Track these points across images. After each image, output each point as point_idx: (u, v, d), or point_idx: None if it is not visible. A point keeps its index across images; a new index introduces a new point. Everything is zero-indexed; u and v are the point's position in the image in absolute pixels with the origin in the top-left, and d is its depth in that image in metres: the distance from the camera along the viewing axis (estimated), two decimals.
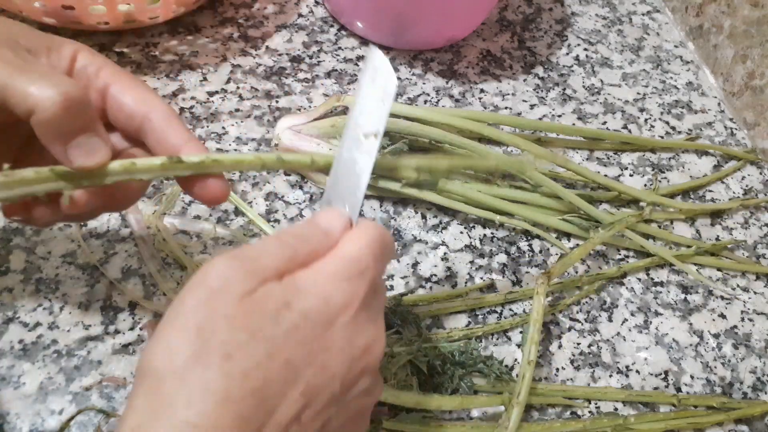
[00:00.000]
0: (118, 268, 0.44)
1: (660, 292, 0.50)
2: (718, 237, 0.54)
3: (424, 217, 0.51)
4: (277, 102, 0.56)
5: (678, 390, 0.45)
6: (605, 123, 0.61)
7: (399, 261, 0.48)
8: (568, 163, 0.51)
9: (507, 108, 0.60)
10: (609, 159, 0.58)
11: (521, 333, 0.46)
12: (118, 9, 0.51)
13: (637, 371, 0.46)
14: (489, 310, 0.47)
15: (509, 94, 0.62)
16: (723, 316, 0.49)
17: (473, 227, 0.51)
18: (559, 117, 0.61)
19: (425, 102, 0.59)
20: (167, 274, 0.44)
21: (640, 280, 0.51)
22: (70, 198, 0.29)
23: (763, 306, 0.51)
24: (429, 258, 0.49)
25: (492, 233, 0.51)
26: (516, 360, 0.44)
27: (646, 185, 0.57)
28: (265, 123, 0.54)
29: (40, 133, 0.28)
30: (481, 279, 0.48)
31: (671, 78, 0.67)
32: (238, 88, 0.56)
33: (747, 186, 0.59)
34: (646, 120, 0.62)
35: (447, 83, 0.61)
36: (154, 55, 0.57)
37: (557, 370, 0.45)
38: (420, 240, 0.50)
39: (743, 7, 0.63)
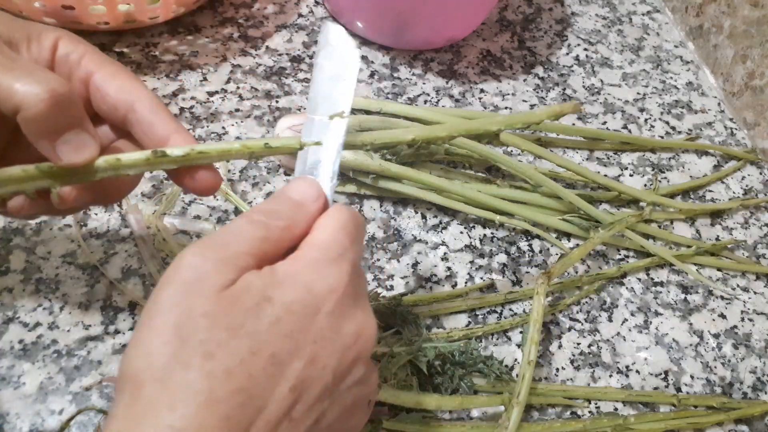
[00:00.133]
0: (118, 268, 0.44)
1: (660, 292, 0.50)
2: (718, 237, 0.54)
3: (424, 217, 0.51)
4: (277, 102, 0.56)
5: (678, 390, 0.45)
6: (605, 123, 0.61)
7: (399, 261, 0.48)
8: (567, 162, 0.52)
9: (507, 108, 0.60)
10: (609, 159, 0.58)
11: (521, 333, 0.46)
12: (118, 9, 0.51)
13: (637, 371, 0.46)
14: (489, 310, 0.47)
15: (509, 94, 0.62)
16: (723, 316, 0.49)
17: (473, 227, 0.51)
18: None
19: (425, 102, 0.59)
20: None
21: (640, 280, 0.51)
22: (58, 194, 0.29)
23: (763, 306, 0.51)
24: (429, 258, 0.49)
25: (492, 233, 0.51)
26: (516, 360, 0.44)
27: (646, 185, 0.57)
28: (265, 123, 0.54)
29: (27, 131, 0.27)
30: (481, 279, 0.48)
31: (671, 78, 0.67)
32: (238, 88, 0.56)
33: (747, 186, 0.59)
34: (646, 120, 0.62)
35: (447, 83, 0.61)
36: (154, 55, 0.57)
37: (557, 370, 0.45)
38: (420, 240, 0.50)
39: (743, 7, 0.63)
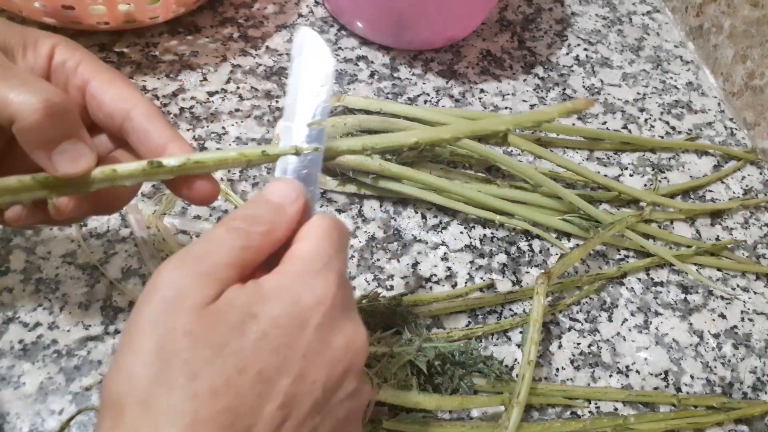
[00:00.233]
0: (118, 268, 0.44)
1: (660, 292, 0.50)
2: (718, 237, 0.54)
3: (424, 217, 0.51)
4: (277, 102, 0.56)
5: (678, 390, 0.45)
6: (605, 123, 0.61)
7: (399, 261, 0.48)
8: (567, 162, 0.52)
9: (507, 108, 0.60)
10: (609, 159, 0.58)
11: (521, 333, 0.46)
12: (118, 9, 0.51)
13: (637, 371, 0.46)
14: (489, 310, 0.47)
15: (509, 94, 0.62)
16: (723, 316, 0.49)
17: (473, 227, 0.51)
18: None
19: (425, 102, 0.59)
20: None
21: (640, 280, 0.51)
22: (55, 205, 0.28)
23: (763, 306, 0.51)
24: (429, 258, 0.49)
25: (492, 233, 0.51)
26: (516, 360, 0.44)
27: (646, 185, 0.57)
28: (265, 123, 0.54)
29: (22, 141, 0.27)
30: (481, 279, 0.48)
31: (671, 78, 0.67)
32: (238, 88, 0.56)
33: (747, 186, 0.59)
34: (646, 120, 0.62)
35: (447, 83, 0.61)
36: (154, 55, 0.57)
37: (557, 370, 0.45)
38: (420, 240, 0.50)
39: (743, 7, 0.63)
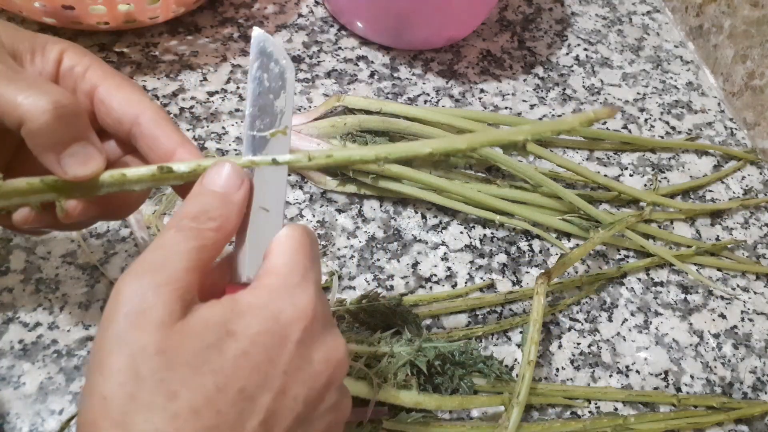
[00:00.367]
0: (118, 268, 0.44)
1: (660, 292, 0.50)
2: (718, 237, 0.54)
3: (424, 217, 0.51)
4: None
5: (678, 390, 0.45)
6: (605, 123, 0.61)
7: (399, 261, 0.48)
8: (567, 162, 0.52)
9: (507, 108, 0.60)
10: (609, 159, 0.58)
11: (521, 333, 0.45)
12: (118, 9, 0.51)
13: (637, 371, 0.46)
14: (489, 310, 0.47)
15: (509, 94, 0.62)
16: (723, 316, 0.49)
17: (473, 227, 0.51)
18: (559, 117, 0.61)
19: (425, 102, 0.59)
20: None
21: (640, 280, 0.51)
22: (63, 208, 0.28)
23: (763, 306, 0.51)
24: (429, 258, 0.49)
25: (492, 233, 0.51)
26: (516, 360, 0.44)
27: (646, 185, 0.57)
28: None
29: (31, 144, 0.27)
30: (481, 279, 0.48)
31: (671, 78, 0.67)
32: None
33: (747, 186, 0.59)
34: (646, 120, 0.62)
35: (447, 83, 0.61)
36: (154, 55, 0.57)
37: (557, 370, 0.45)
38: (420, 240, 0.50)
39: (743, 7, 0.63)
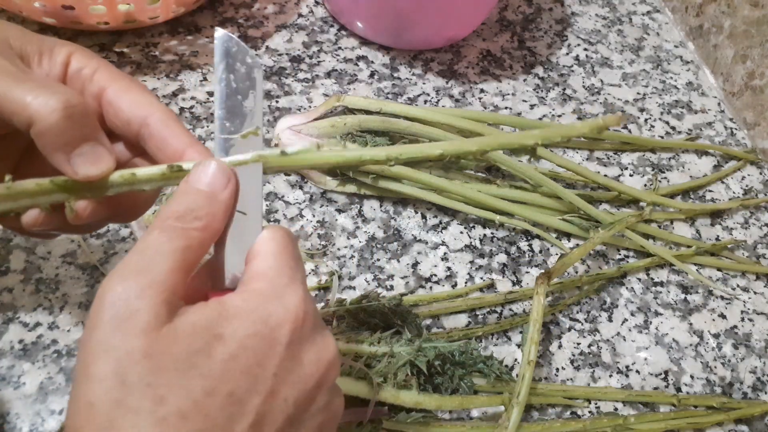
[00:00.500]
0: None
1: (660, 292, 0.50)
2: (718, 237, 0.54)
3: (424, 217, 0.51)
4: (277, 102, 0.56)
5: (678, 390, 0.45)
6: None
7: (399, 261, 0.48)
8: (567, 162, 0.52)
9: (507, 108, 0.60)
10: (609, 159, 0.58)
11: (521, 333, 0.45)
12: (118, 9, 0.51)
13: (637, 371, 0.46)
14: (489, 310, 0.47)
15: (509, 94, 0.62)
16: (723, 316, 0.49)
17: (473, 227, 0.51)
18: (559, 117, 0.61)
19: (425, 102, 0.59)
20: None
21: (640, 280, 0.51)
22: (72, 208, 0.28)
23: (763, 306, 0.51)
24: (429, 258, 0.49)
25: (492, 233, 0.51)
26: (516, 360, 0.44)
27: (646, 185, 0.57)
28: (265, 123, 0.54)
29: (41, 144, 0.27)
30: (481, 279, 0.48)
31: (671, 78, 0.67)
32: None
33: (747, 186, 0.59)
34: (646, 120, 0.62)
35: (447, 83, 0.61)
36: (154, 55, 0.57)
37: (557, 370, 0.45)
38: (420, 240, 0.50)
39: (743, 7, 0.63)
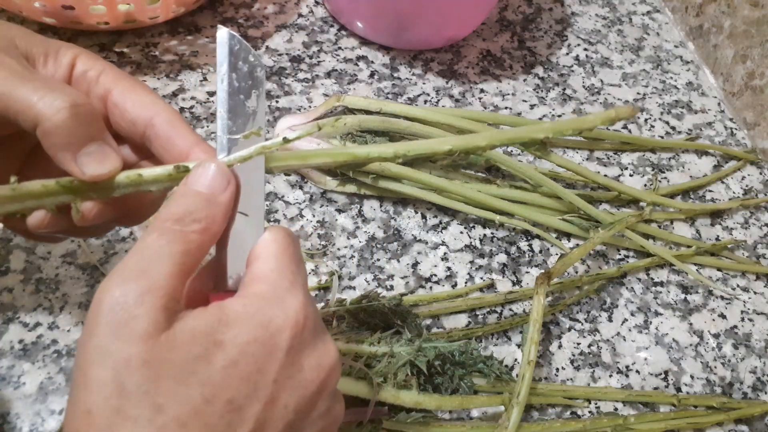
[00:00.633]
0: None
1: (660, 292, 0.50)
2: (718, 237, 0.54)
3: (424, 217, 0.51)
4: (277, 102, 0.56)
5: (678, 390, 0.45)
6: None
7: (399, 261, 0.48)
8: (567, 162, 0.52)
9: (507, 108, 0.60)
10: (609, 159, 0.58)
11: (521, 333, 0.45)
12: (118, 9, 0.51)
13: (637, 371, 0.46)
14: (489, 310, 0.47)
15: (509, 94, 0.62)
16: (723, 316, 0.49)
17: (473, 227, 0.51)
18: (559, 117, 0.61)
19: (425, 102, 0.59)
20: None
21: (640, 280, 0.51)
22: (79, 210, 0.28)
23: (763, 306, 0.51)
24: (429, 258, 0.49)
25: (492, 233, 0.51)
26: (516, 360, 0.44)
27: (646, 185, 0.57)
28: (266, 123, 0.54)
29: (47, 144, 0.27)
30: (481, 279, 0.48)
31: (671, 78, 0.67)
32: None
33: (747, 186, 0.59)
34: (646, 120, 0.62)
35: (447, 83, 0.61)
36: (154, 55, 0.57)
37: (557, 370, 0.45)
38: (420, 240, 0.50)
39: (743, 7, 0.63)
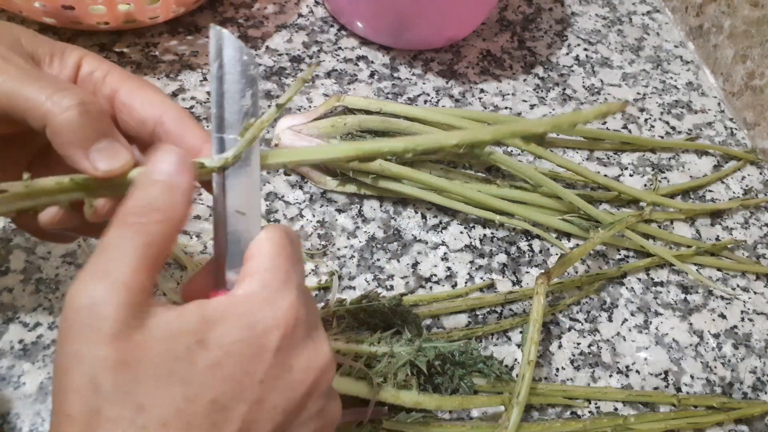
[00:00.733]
0: None
1: (660, 292, 0.50)
2: (718, 237, 0.54)
3: (424, 217, 0.51)
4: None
5: (678, 390, 0.45)
6: (605, 123, 0.61)
7: (399, 261, 0.48)
8: (567, 162, 0.52)
9: (507, 108, 0.60)
10: (609, 159, 0.58)
11: (521, 333, 0.46)
12: (118, 9, 0.51)
13: (637, 371, 0.46)
14: (489, 310, 0.47)
15: (509, 94, 0.62)
16: (723, 316, 0.49)
17: (473, 227, 0.51)
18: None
19: (425, 102, 0.59)
20: (167, 274, 0.44)
21: (640, 280, 0.51)
22: (92, 206, 0.28)
23: (763, 306, 0.51)
24: (429, 258, 0.49)
25: (492, 233, 0.51)
26: (516, 360, 0.44)
27: (646, 185, 0.57)
28: None
29: (58, 142, 0.26)
30: (481, 279, 0.48)
31: (671, 78, 0.67)
32: None
33: (747, 186, 0.59)
34: (646, 120, 0.62)
35: (447, 83, 0.61)
36: (154, 55, 0.57)
37: (557, 370, 0.45)
38: (420, 240, 0.50)
39: (743, 7, 0.63)
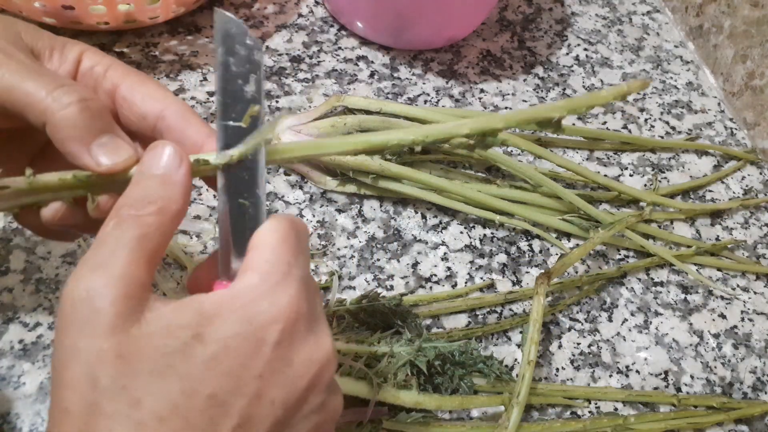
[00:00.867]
0: None
1: (660, 292, 0.50)
2: (718, 237, 0.54)
3: (424, 217, 0.51)
4: (277, 102, 0.56)
5: (678, 390, 0.45)
6: (605, 123, 0.61)
7: (399, 261, 0.48)
8: (567, 162, 0.52)
9: (507, 108, 0.60)
10: (609, 159, 0.58)
11: (521, 333, 0.46)
12: (118, 9, 0.51)
13: (637, 371, 0.46)
14: (489, 310, 0.47)
15: (509, 94, 0.62)
16: (723, 316, 0.49)
17: (473, 227, 0.51)
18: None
19: (425, 102, 0.59)
20: (167, 274, 0.44)
21: (640, 280, 0.51)
22: (95, 200, 0.28)
23: (763, 306, 0.51)
24: (429, 258, 0.49)
25: (492, 233, 0.51)
26: (516, 360, 0.44)
27: (646, 185, 0.57)
28: (266, 122, 0.54)
29: (59, 138, 0.26)
30: (481, 279, 0.48)
31: (671, 78, 0.67)
32: None
33: (747, 186, 0.59)
34: (646, 120, 0.62)
35: (447, 83, 0.61)
36: (154, 55, 0.57)
37: (557, 370, 0.45)
38: (420, 240, 0.50)
39: (743, 7, 0.63)
